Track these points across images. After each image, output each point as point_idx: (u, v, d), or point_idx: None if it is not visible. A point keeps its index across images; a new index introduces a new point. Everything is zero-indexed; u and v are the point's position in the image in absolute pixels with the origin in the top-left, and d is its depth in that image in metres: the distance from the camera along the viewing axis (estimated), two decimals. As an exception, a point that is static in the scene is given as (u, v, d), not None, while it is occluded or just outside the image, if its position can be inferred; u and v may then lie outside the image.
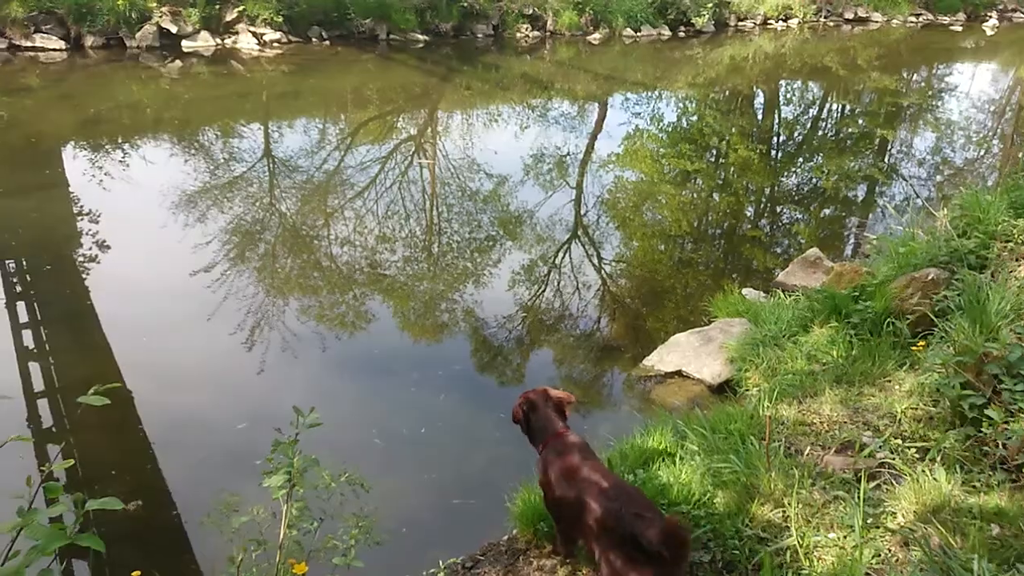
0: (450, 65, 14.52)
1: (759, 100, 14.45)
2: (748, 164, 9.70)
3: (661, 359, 4.61)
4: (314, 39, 14.18)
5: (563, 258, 6.54)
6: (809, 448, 3.19)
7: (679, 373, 4.51)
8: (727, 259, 6.97)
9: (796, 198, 8.74)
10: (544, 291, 5.92)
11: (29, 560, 1.17)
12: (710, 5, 18.90)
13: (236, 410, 4.11)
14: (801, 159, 10.69)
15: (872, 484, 2.87)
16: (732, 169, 9.63)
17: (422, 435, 3.95)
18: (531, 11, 16.90)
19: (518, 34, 16.67)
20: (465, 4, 15.73)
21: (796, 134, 12.04)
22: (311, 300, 5.49)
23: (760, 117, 13.03)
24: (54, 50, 12.10)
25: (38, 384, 4.35)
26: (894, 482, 2.88)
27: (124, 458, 3.69)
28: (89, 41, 12.41)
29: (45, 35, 12.15)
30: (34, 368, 4.47)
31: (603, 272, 6.37)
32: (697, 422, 3.39)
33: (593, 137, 10.76)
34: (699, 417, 3.44)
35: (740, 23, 20.33)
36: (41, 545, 1.15)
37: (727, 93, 14.37)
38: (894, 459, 3.01)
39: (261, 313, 5.15)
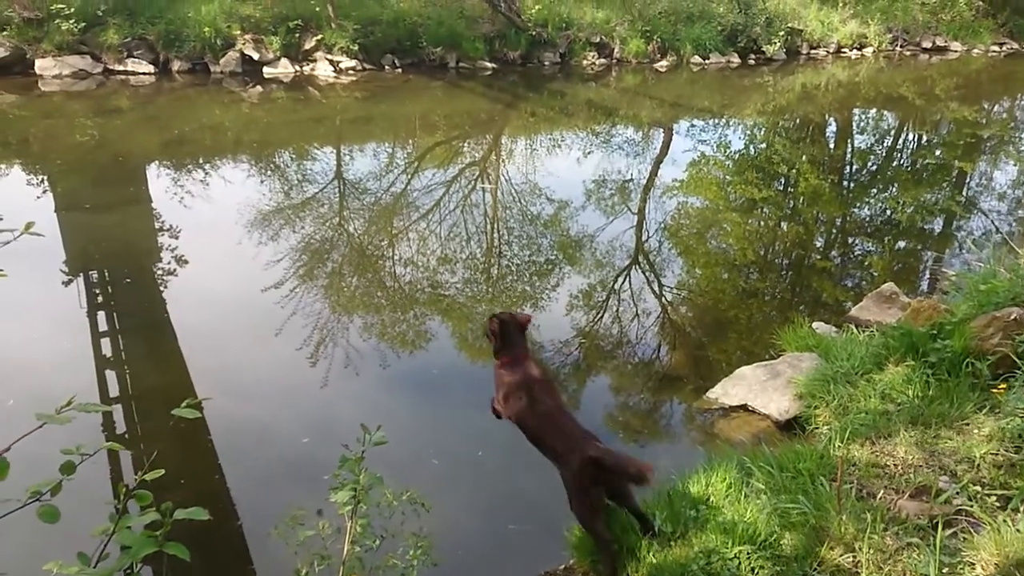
0: (516, 92, 14.71)
1: (831, 129, 14.11)
2: (819, 193, 9.46)
3: (725, 392, 4.50)
4: (387, 67, 14.61)
5: (623, 284, 6.49)
6: (882, 491, 3.05)
7: (744, 407, 4.38)
8: (795, 291, 6.78)
9: (869, 230, 8.45)
10: (602, 317, 5.88)
11: (121, 565, 1.22)
12: (781, 33, 18.63)
13: (300, 424, 4.20)
14: (875, 190, 10.35)
15: (948, 532, 2.72)
16: (802, 198, 9.41)
17: (479, 457, 3.95)
18: (598, 39, 17.00)
19: (584, 62, 16.78)
20: (533, 33, 15.95)
21: (870, 164, 11.68)
22: (373, 318, 5.59)
23: (832, 146, 12.71)
24: (144, 74, 12.82)
25: (113, 391, 4.55)
26: (972, 531, 2.73)
27: (192, 466, 3.80)
28: (176, 66, 13.10)
29: (136, 60, 12.89)
30: (110, 376, 4.68)
31: (664, 299, 6.28)
32: (763, 459, 3.29)
33: (657, 163, 10.69)
34: (766, 454, 3.33)
35: (812, 51, 19.96)
36: (132, 551, 1.19)
37: (797, 121, 14.09)
38: (972, 507, 2.84)
39: (326, 330, 5.27)
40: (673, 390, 4.81)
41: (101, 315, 5.40)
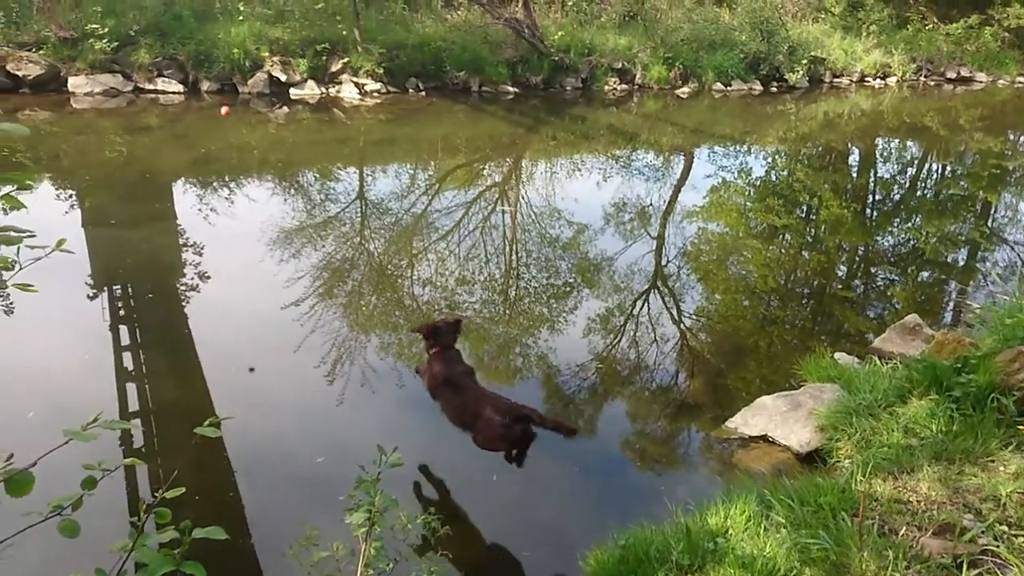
0: (538, 116, 14.83)
1: (854, 157, 14.04)
2: (841, 222, 9.39)
3: (745, 422, 4.44)
4: (411, 90, 14.80)
5: (641, 308, 6.45)
6: (905, 528, 2.98)
7: (764, 438, 4.32)
8: (816, 320, 6.71)
9: (892, 260, 8.36)
10: (620, 341, 5.84)
11: (138, 582, 1.22)
12: (804, 61, 18.65)
13: (315, 442, 4.20)
14: (898, 219, 10.26)
15: (973, 572, 2.65)
16: (823, 226, 9.34)
17: (493, 482, 3.91)
18: (620, 65, 17.12)
19: (606, 87, 16.89)
20: (556, 59, 16.11)
21: (893, 193, 11.59)
22: (391, 337, 5.60)
23: (855, 175, 12.64)
24: (173, 93, 13.09)
25: (133, 404, 4.58)
26: (998, 572, 2.65)
27: (207, 482, 3.81)
28: (205, 86, 13.37)
29: (166, 79, 13.18)
30: (130, 389, 4.72)
31: (682, 325, 6.24)
32: (784, 492, 3.23)
33: (677, 188, 10.68)
34: (786, 487, 3.28)
35: (835, 79, 19.95)
36: (150, 569, 1.20)
37: (820, 149, 14.04)
38: (998, 546, 2.77)
39: (344, 348, 5.29)
40: (691, 418, 4.75)
41: (123, 329, 5.46)
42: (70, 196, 8.40)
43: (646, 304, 6.54)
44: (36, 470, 1.35)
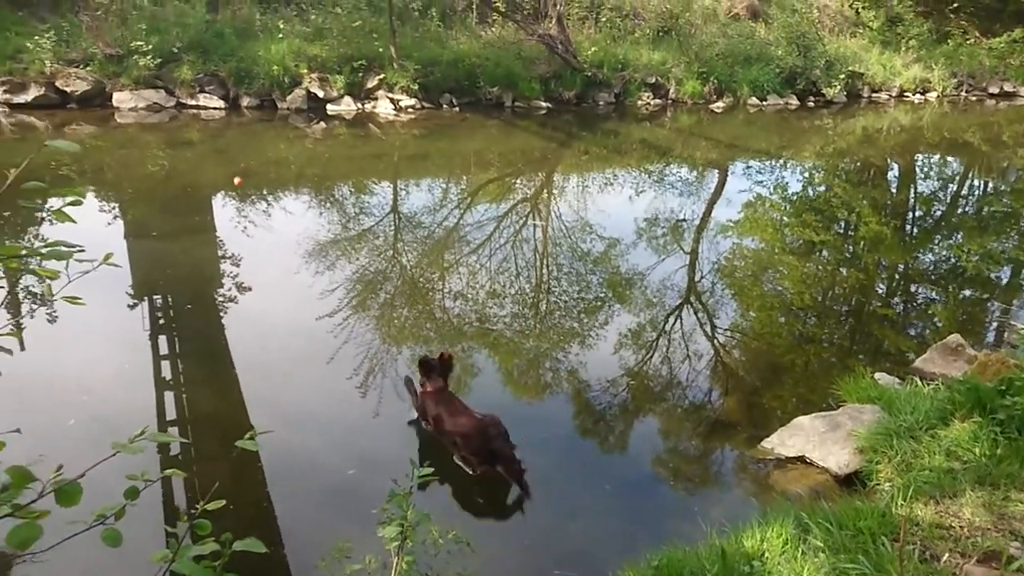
0: (570, 131, 14.85)
1: (893, 173, 13.79)
2: (880, 238, 9.21)
3: (782, 442, 4.35)
4: (445, 105, 14.95)
5: (673, 324, 6.39)
6: (947, 555, 2.89)
7: (801, 459, 4.22)
8: (854, 338, 6.57)
9: (933, 277, 8.16)
10: (652, 357, 5.78)
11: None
12: (842, 76, 18.41)
13: (347, 454, 4.22)
14: (939, 236, 10.03)
15: (1024, 604, 2.55)
16: (862, 243, 9.17)
17: (524, 498, 3.88)
18: (653, 80, 17.09)
19: (639, 102, 16.86)
20: (589, 74, 16.14)
21: (933, 210, 11.34)
22: (422, 350, 5.62)
23: (894, 190, 12.40)
24: (214, 108, 13.41)
25: (170, 413, 4.66)
26: (1050, 604, 2.55)
27: (241, 492, 3.85)
28: (245, 101, 13.68)
29: (208, 95, 13.52)
30: (168, 397, 4.81)
31: (716, 341, 6.15)
32: (822, 515, 3.15)
33: (711, 203, 10.59)
34: (824, 510, 3.20)
35: (874, 94, 19.65)
36: (190, 582, 1.21)
37: (858, 164, 13.81)
38: (1049, 577, 2.66)
39: (376, 360, 5.33)
40: (725, 436, 4.67)
41: (162, 338, 5.57)
42: (113, 208, 8.62)
43: (679, 320, 6.47)
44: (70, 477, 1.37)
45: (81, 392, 4.73)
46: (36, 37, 12.59)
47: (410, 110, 14.48)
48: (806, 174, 12.99)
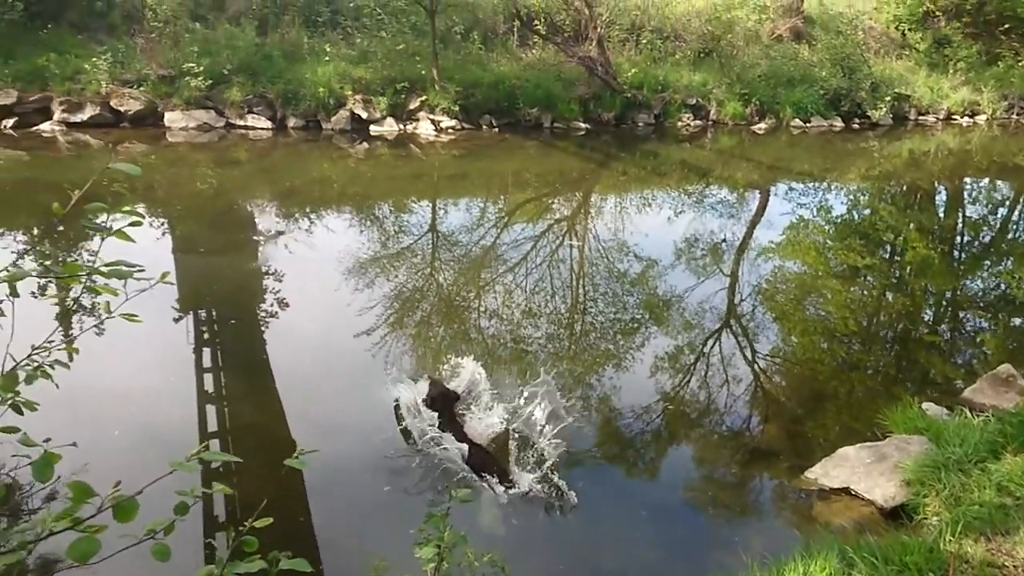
0: (608, 152, 14.86)
1: (940, 197, 13.45)
2: (927, 264, 8.97)
3: (826, 473, 4.23)
4: (484, 126, 15.11)
5: (712, 347, 6.30)
6: (1002, 596, 2.77)
7: (846, 491, 4.10)
8: (900, 366, 6.39)
9: (982, 305, 7.91)
10: (689, 381, 5.70)
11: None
12: (888, 98, 18.09)
13: (383, 470, 4.24)
14: (988, 262, 9.73)
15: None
16: (908, 268, 8.95)
17: (560, 522, 3.85)
18: (694, 101, 17.02)
19: (679, 123, 16.80)
20: (628, 95, 16.16)
21: (982, 235, 11.02)
22: (456, 369, 5.63)
23: (942, 215, 12.09)
24: (262, 129, 13.76)
25: (212, 425, 4.76)
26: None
27: (280, 506, 3.89)
28: (292, 122, 14.01)
29: (255, 115, 13.88)
30: (210, 410, 4.91)
31: (756, 366, 6.05)
32: (867, 549, 3.06)
33: (752, 225, 10.46)
34: (869, 544, 3.10)
35: (921, 117, 19.24)
36: (235, 598, 1.23)
37: (904, 188, 13.52)
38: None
39: (414, 378, 5.35)
40: (766, 465, 4.57)
41: (206, 352, 5.70)
42: (163, 224, 8.88)
43: (718, 343, 6.38)
44: (108, 488, 1.40)
45: (126, 404, 4.85)
46: (94, 59, 13.10)
47: (450, 131, 14.66)
48: (851, 197, 12.75)
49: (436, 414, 4.64)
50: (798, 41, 19.63)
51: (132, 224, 1.41)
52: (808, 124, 17.47)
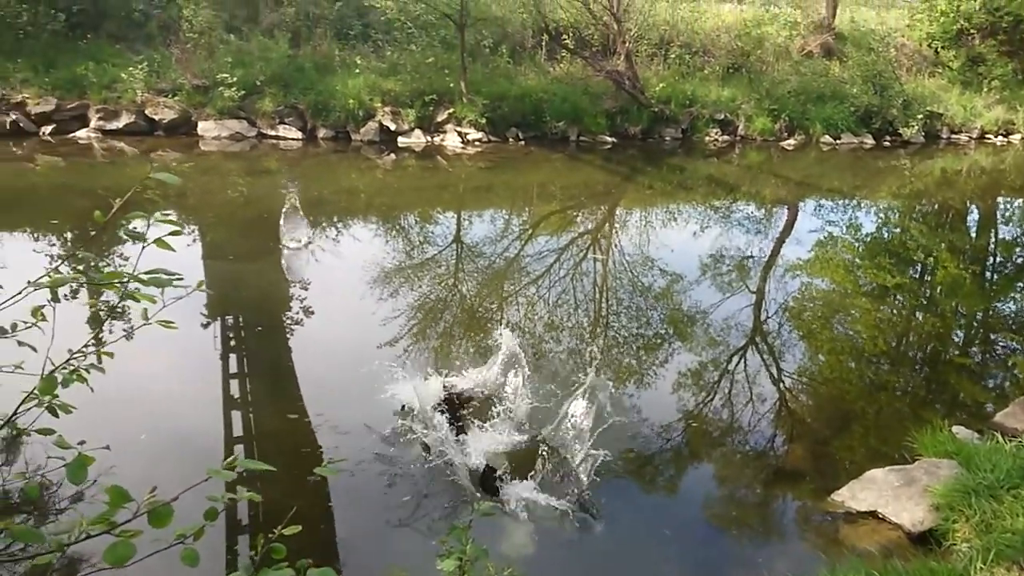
0: (634, 166, 14.84)
1: (972, 217, 13.22)
2: (958, 284, 8.81)
3: (853, 495, 4.16)
4: (511, 139, 15.19)
5: (737, 365, 6.23)
6: (1035, 628, 2.69)
7: (873, 514, 4.03)
8: (930, 388, 6.28)
9: (1014, 327, 7.74)
10: (713, 399, 5.64)
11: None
12: (920, 116, 17.86)
13: (405, 479, 4.25)
14: (1021, 284, 9.54)
15: None
16: (939, 288, 8.79)
17: (581, 539, 3.83)
18: (722, 116, 16.96)
19: (706, 138, 16.73)
20: (656, 110, 16.15)
21: (1015, 256, 10.80)
22: (475, 379, 5.63)
23: (974, 235, 11.89)
24: (292, 139, 13.98)
25: (237, 431, 4.81)
26: None
27: (303, 514, 3.91)
28: (321, 133, 14.21)
29: (286, 126, 14.10)
30: (235, 416, 4.96)
31: (782, 385, 5.97)
32: (894, 574, 3.00)
33: (780, 241, 10.37)
34: (897, 569, 3.05)
35: (953, 135, 18.96)
36: (264, 606, 1.24)
37: (935, 207, 13.31)
38: None
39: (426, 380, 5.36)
40: (791, 486, 4.51)
41: (232, 358, 5.77)
42: (193, 231, 9.04)
43: (743, 361, 6.32)
44: (135, 492, 1.42)
45: (153, 408, 4.92)
46: (130, 68, 13.42)
47: (477, 143, 14.76)
48: (881, 215, 12.59)
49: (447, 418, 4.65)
50: (829, 58, 19.48)
51: (171, 234, 1.44)
52: (838, 141, 17.30)
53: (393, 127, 14.44)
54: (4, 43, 13.53)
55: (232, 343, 6.09)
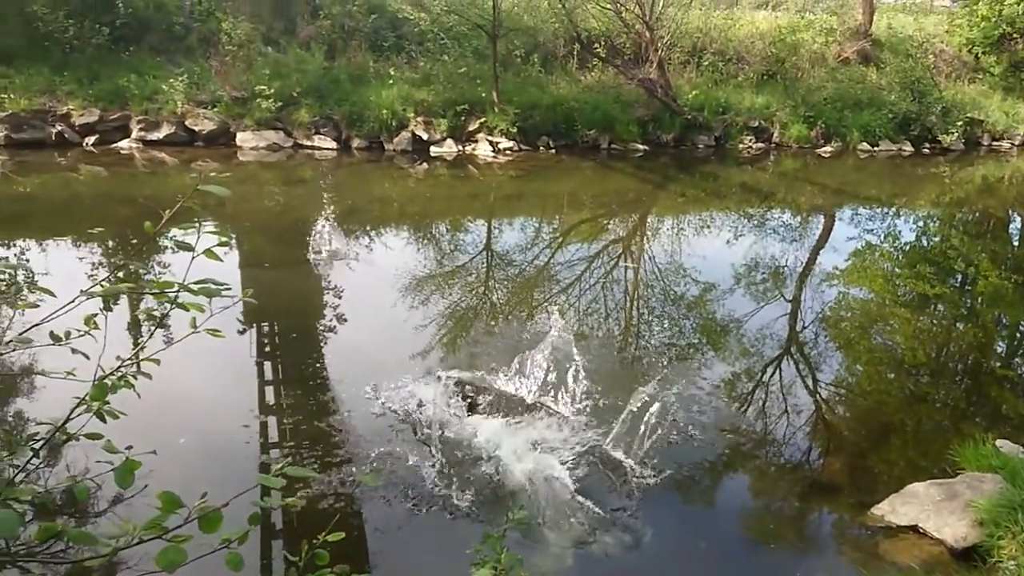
0: (667, 173, 14.76)
1: (1015, 225, 12.88)
2: (1000, 294, 8.58)
3: (893, 509, 4.07)
4: (541, 147, 15.23)
5: (772, 375, 6.14)
6: (1086, 651, 2.60)
7: (914, 528, 3.94)
8: (971, 400, 6.11)
9: (1061, 338, 7.52)
10: (747, 410, 5.56)
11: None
12: (960, 123, 17.47)
13: (437, 487, 4.26)
14: (1069, 294, 9.25)
15: None
16: (980, 298, 8.57)
17: (615, 552, 3.79)
18: (756, 123, 16.79)
19: (740, 145, 16.58)
20: (688, 117, 16.05)
21: (1062, 265, 10.49)
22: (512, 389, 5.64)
23: (1016, 243, 11.57)
24: (327, 149, 14.19)
25: (273, 436, 4.87)
26: None
27: (335, 520, 3.95)
28: (356, 143, 14.41)
29: (322, 136, 14.33)
30: (271, 422, 5.04)
31: (818, 396, 5.87)
32: (937, 591, 2.93)
33: (816, 250, 10.21)
34: (938, 585, 2.97)
35: (995, 142, 18.51)
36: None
37: (976, 215, 13.00)
38: None
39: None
40: (828, 499, 4.42)
41: (268, 364, 5.86)
42: (231, 238, 9.22)
43: (778, 371, 6.23)
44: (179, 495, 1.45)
45: (192, 412, 5.02)
46: (171, 80, 13.79)
47: (508, 152, 14.81)
48: (920, 223, 12.33)
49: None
50: (866, 64, 19.18)
51: (219, 244, 1.49)
52: (876, 148, 17.01)
53: (425, 137, 14.58)
54: (52, 57, 14.00)
55: (267, 350, 6.19)
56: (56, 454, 4.29)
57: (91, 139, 13.30)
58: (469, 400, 5.16)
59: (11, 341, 1.52)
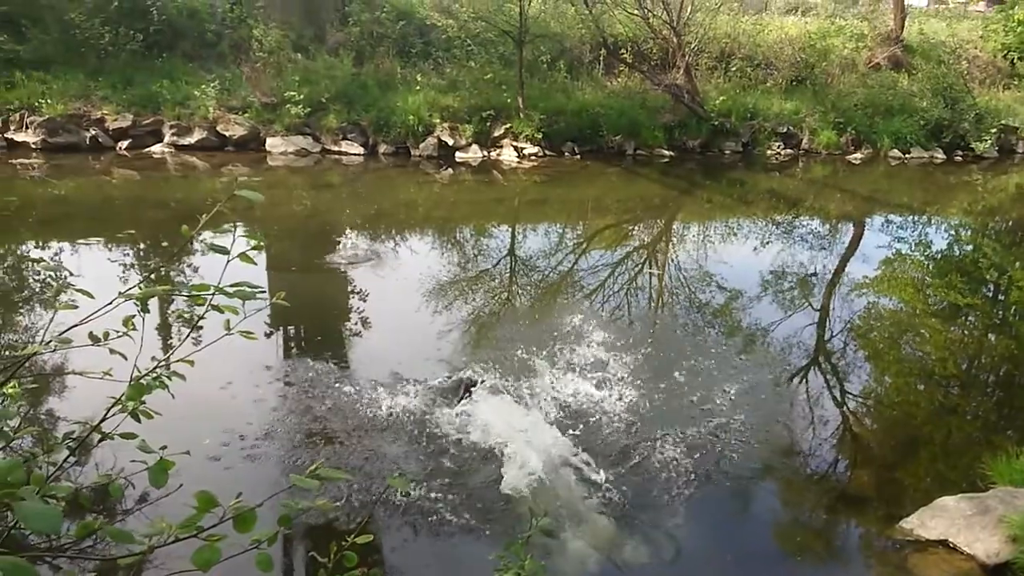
0: (693, 179, 14.67)
1: (1052, 234, 12.59)
2: (1036, 305, 8.40)
3: (923, 523, 4.00)
4: (566, 153, 15.23)
5: (799, 385, 6.07)
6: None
7: (944, 543, 3.87)
8: (1002, 412, 5.99)
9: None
10: (773, 420, 5.48)
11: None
12: (993, 130, 17.13)
13: (457, 492, 4.28)
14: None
15: None
16: (1013, 308, 8.40)
17: (642, 562, 3.78)
18: (785, 129, 16.62)
19: (768, 151, 16.41)
20: (715, 123, 15.94)
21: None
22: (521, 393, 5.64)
23: (1054, 253, 11.30)
24: (354, 154, 14.34)
25: (295, 439, 4.92)
26: None
27: (353, 521, 3.99)
28: (382, 148, 14.54)
29: (349, 142, 14.48)
30: (292, 422, 5.08)
31: (845, 407, 5.79)
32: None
33: (845, 258, 10.07)
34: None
35: (1031, 149, 18.12)
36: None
37: (1010, 224, 12.73)
38: None
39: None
40: (855, 512, 4.36)
41: (293, 366, 5.93)
42: (263, 242, 9.34)
43: (804, 381, 6.15)
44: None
45: (218, 413, 5.09)
46: (203, 86, 14.03)
47: (533, 157, 14.84)
48: (952, 232, 12.11)
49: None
50: (897, 70, 18.89)
51: (254, 248, 1.52)
52: (907, 155, 16.74)
53: (451, 142, 14.66)
54: (87, 63, 14.33)
55: (294, 352, 6.27)
56: (85, 453, 4.38)
57: (124, 143, 13.58)
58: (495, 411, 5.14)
59: (51, 341, 1.56)
